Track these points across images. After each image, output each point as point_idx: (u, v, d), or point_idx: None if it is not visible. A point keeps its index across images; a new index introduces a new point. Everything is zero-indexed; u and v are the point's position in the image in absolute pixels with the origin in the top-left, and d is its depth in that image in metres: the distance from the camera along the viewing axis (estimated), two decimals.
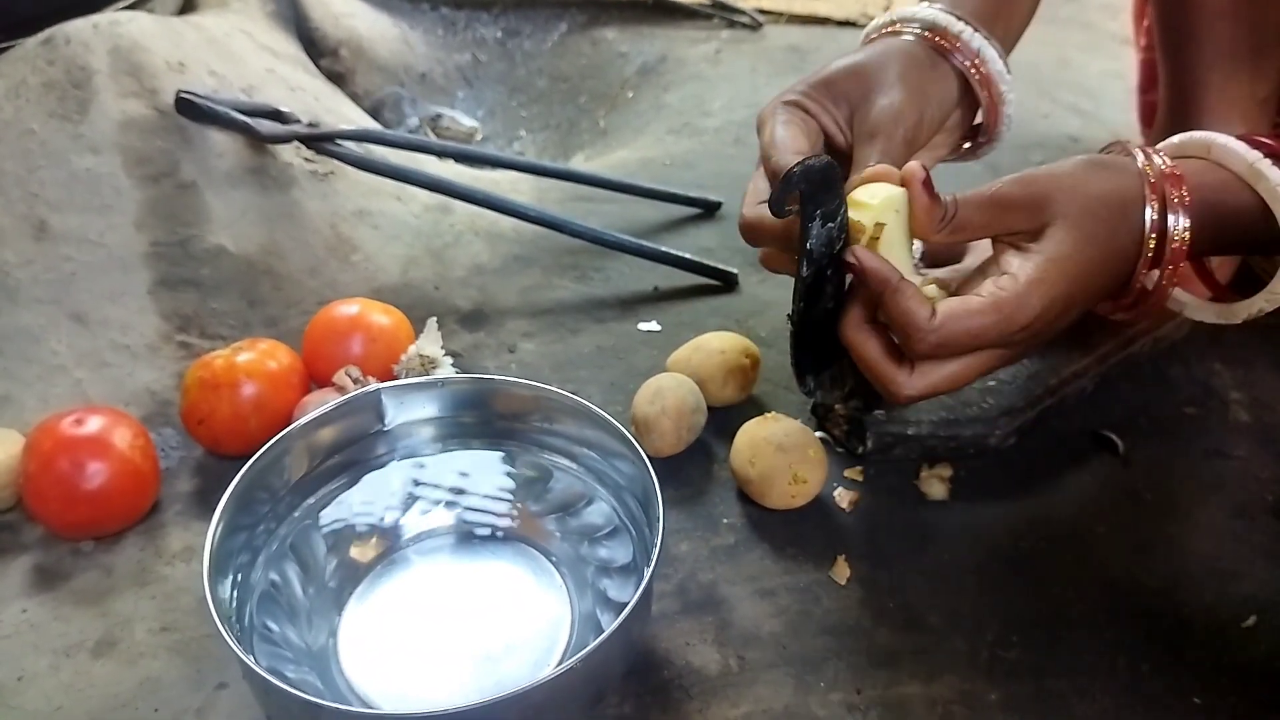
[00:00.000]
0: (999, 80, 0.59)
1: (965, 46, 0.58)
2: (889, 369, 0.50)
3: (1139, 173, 0.50)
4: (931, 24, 0.59)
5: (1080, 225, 0.48)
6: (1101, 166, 0.51)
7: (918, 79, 0.57)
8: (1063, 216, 0.48)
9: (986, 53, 0.58)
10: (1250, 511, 0.63)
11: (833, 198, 0.49)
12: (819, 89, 0.57)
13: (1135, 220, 0.49)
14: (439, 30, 1.32)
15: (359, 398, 0.59)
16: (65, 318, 0.73)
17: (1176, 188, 0.49)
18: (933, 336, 0.47)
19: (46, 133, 0.77)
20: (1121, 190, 0.50)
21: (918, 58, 0.58)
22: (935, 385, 0.50)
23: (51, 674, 0.54)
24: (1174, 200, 0.49)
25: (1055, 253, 0.48)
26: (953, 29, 0.58)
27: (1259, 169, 0.49)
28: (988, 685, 0.53)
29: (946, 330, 0.47)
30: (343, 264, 0.82)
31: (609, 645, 0.45)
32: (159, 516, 0.63)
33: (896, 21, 0.60)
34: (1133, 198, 0.49)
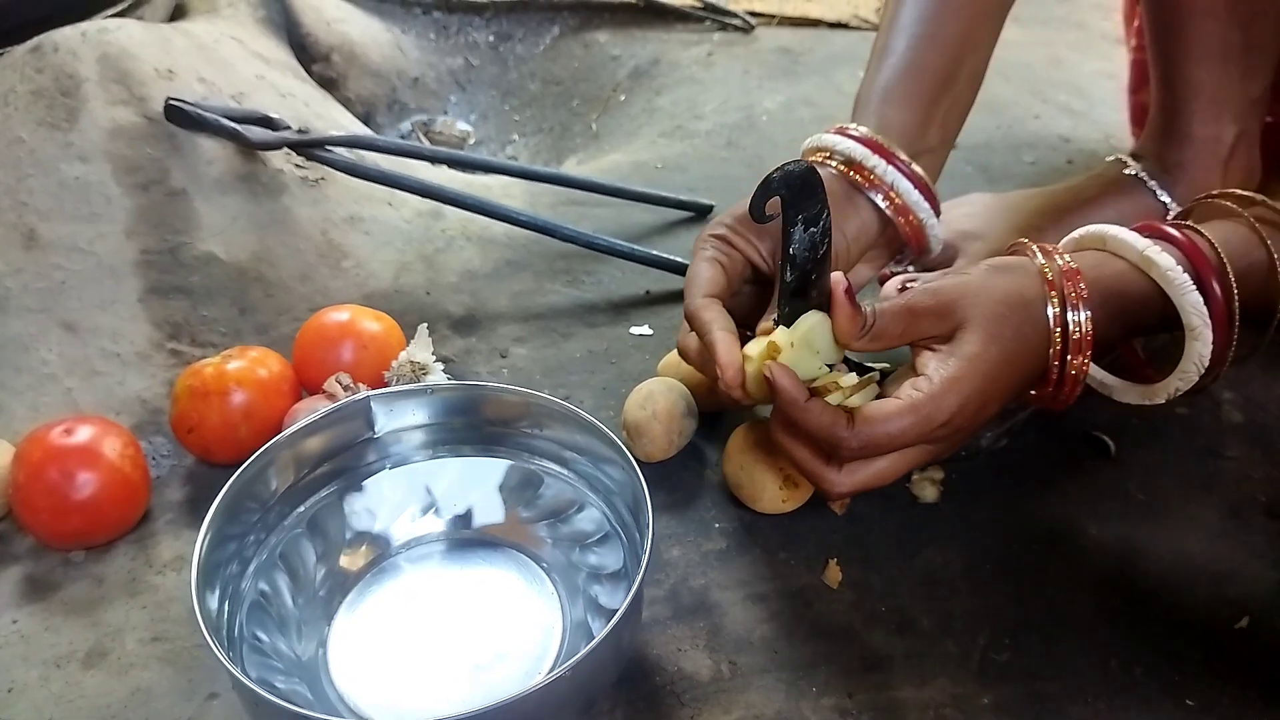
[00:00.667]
0: (915, 209, 0.62)
1: (879, 180, 0.61)
2: (820, 469, 0.52)
3: (1038, 272, 0.53)
4: (847, 158, 0.61)
5: (987, 326, 0.51)
6: (1004, 270, 0.53)
7: (841, 216, 0.60)
8: (970, 320, 0.51)
9: (900, 185, 0.61)
10: (1243, 512, 0.63)
11: (814, 203, 0.49)
12: (742, 222, 0.60)
13: (1039, 317, 0.52)
14: (431, 35, 1.31)
15: (349, 405, 0.59)
16: (55, 326, 0.73)
17: (1073, 283, 0.52)
18: (854, 442, 0.49)
19: (35, 141, 0.77)
20: (1023, 290, 0.52)
21: (834, 193, 0.60)
22: (865, 482, 0.52)
23: (42, 685, 0.54)
24: (1071, 296, 0.52)
25: (966, 353, 0.50)
26: (867, 163, 0.61)
27: (1149, 256, 0.52)
28: (980, 688, 0.53)
29: (866, 435, 0.49)
30: (334, 270, 0.82)
31: (600, 652, 0.45)
32: (150, 526, 0.63)
33: (819, 151, 0.63)
34: (1034, 296, 0.52)
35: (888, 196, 0.61)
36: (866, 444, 0.49)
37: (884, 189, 0.61)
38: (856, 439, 0.49)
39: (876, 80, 0.64)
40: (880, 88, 0.63)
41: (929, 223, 0.63)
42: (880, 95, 0.63)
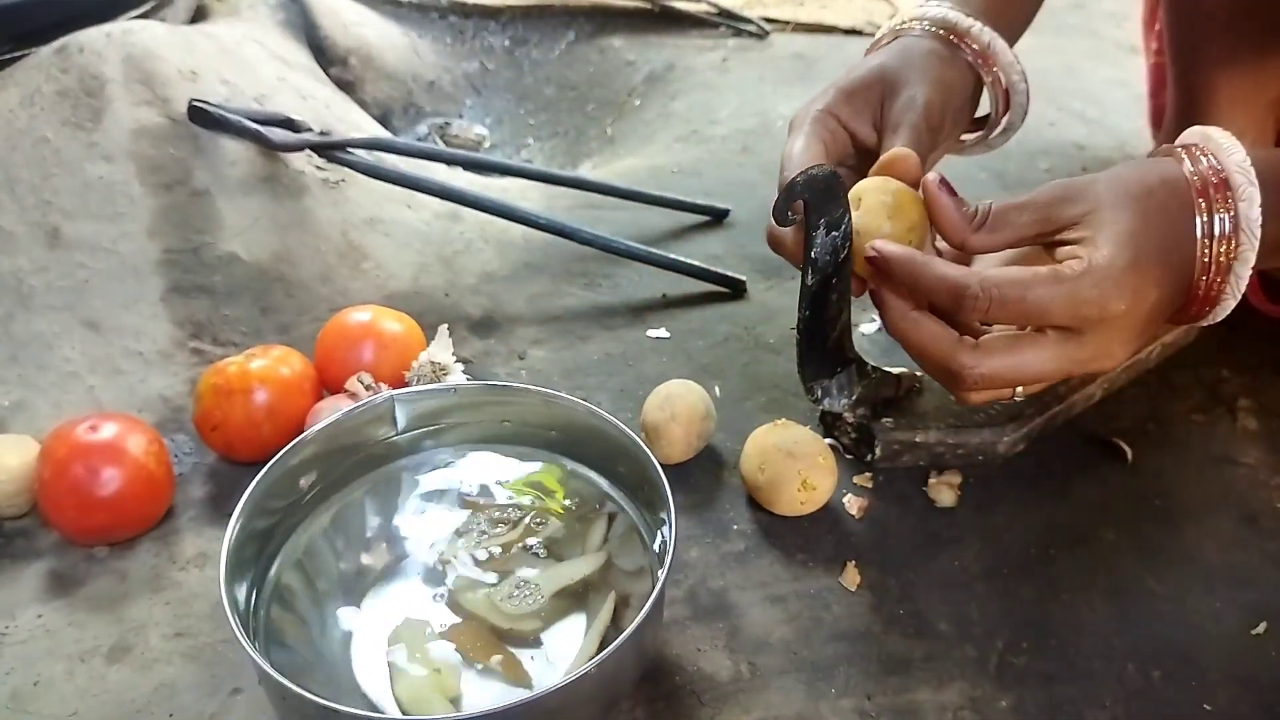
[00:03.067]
0: (1010, 70, 0.62)
1: (975, 39, 0.61)
2: (951, 348, 0.46)
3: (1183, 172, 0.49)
4: (940, 21, 0.61)
5: (1131, 204, 0.46)
6: (1141, 163, 0.50)
7: (937, 70, 0.59)
8: (1109, 201, 0.46)
9: (996, 44, 0.61)
10: (1259, 518, 0.63)
11: (836, 206, 0.50)
12: (846, 94, 0.59)
13: (1187, 206, 0.47)
14: (447, 39, 1.32)
15: (371, 404, 0.59)
16: (78, 325, 0.73)
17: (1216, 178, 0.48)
18: (984, 298, 0.44)
19: (60, 141, 0.78)
20: (1163, 173, 0.48)
21: (935, 50, 0.61)
22: (1002, 368, 0.46)
23: (67, 679, 0.54)
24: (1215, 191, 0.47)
25: (1115, 231, 0.45)
26: (961, 24, 0.61)
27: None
28: (998, 692, 0.53)
29: (1002, 286, 0.44)
30: (354, 271, 0.82)
31: (622, 651, 0.45)
32: (173, 522, 0.64)
33: (907, 21, 0.63)
34: (1177, 181, 0.48)
35: (983, 56, 0.61)
36: (999, 299, 0.44)
37: (980, 47, 0.61)
38: (985, 290, 0.44)
39: None
40: None
41: (1020, 86, 0.62)
42: None
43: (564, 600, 0.53)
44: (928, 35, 0.62)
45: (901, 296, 0.48)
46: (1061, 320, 0.46)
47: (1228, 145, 0.49)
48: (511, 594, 0.53)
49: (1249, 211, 0.47)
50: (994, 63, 0.62)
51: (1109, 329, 0.47)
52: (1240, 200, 0.47)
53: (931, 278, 0.46)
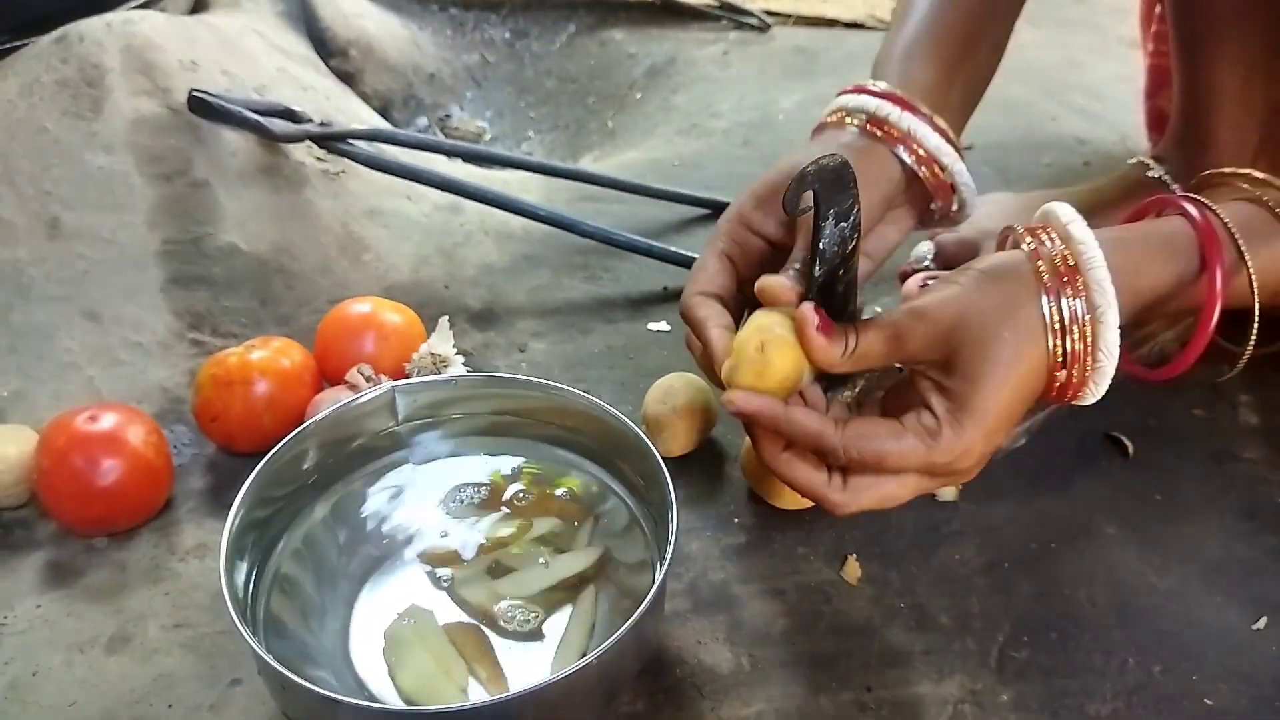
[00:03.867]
0: (938, 156, 0.59)
1: (899, 131, 0.58)
2: (821, 487, 0.49)
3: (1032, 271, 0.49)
4: (868, 113, 0.59)
5: (985, 356, 0.47)
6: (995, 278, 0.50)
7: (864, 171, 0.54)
8: (965, 354, 0.47)
9: (920, 132, 0.58)
10: (1260, 513, 0.63)
11: (846, 197, 0.49)
12: (756, 201, 0.57)
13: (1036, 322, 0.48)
14: (448, 31, 1.32)
15: (371, 396, 0.59)
16: (78, 315, 0.73)
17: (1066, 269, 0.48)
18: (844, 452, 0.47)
19: (60, 131, 0.78)
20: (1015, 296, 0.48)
21: (852, 146, 0.58)
22: (870, 504, 0.49)
23: (66, 669, 0.54)
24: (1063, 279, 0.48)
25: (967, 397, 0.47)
26: (881, 113, 0.58)
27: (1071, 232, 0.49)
28: (998, 685, 0.53)
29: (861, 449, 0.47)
30: (354, 263, 0.82)
31: (623, 643, 0.45)
32: (172, 513, 0.64)
33: (837, 112, 0.60)
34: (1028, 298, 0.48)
35: (909, 147, 0.58)
36: (859, 459, 0.47)
37: (905, 140, 0.58)
38: (847, 449, 0.47)
39: (898, 39, 0.62)
40: (901, 46, 0.62)
41: (956, 169, 0.60)
42: (901, 53, 0.61)
43: (561, 593, 0.53)
44: (853, 129, 0.59)
45: (771, 438, 0.50)
46: (918, 471, 0.49)
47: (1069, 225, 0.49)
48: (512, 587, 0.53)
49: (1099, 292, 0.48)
50: (918, 147, 0.59)
51: (961, 474, 0.50)
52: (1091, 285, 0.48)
53: (796, 429, 0.48)
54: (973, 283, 0.50)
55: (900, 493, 0.50)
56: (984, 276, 0.50)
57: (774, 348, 0.48)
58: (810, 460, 0.49)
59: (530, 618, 0.52)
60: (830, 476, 0.49)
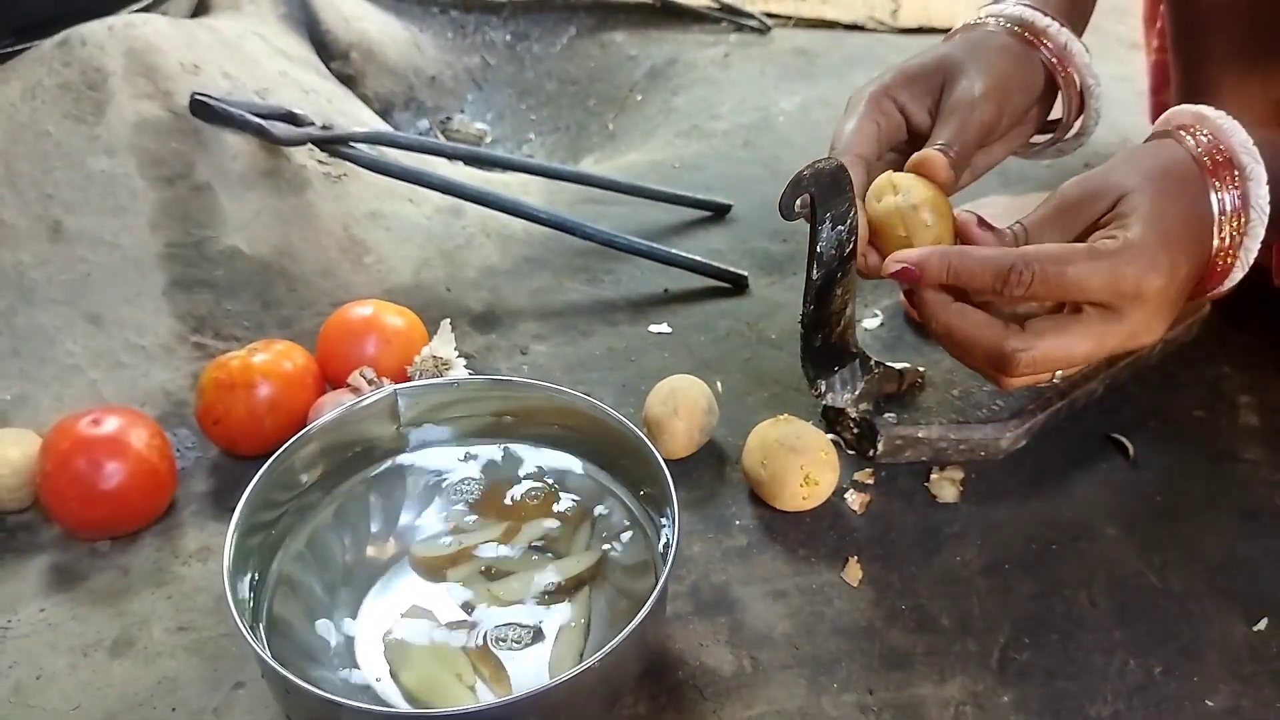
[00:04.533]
0: (1085, 72, 0.61)
1: (1052, 39, 0.60)
2: (1001, 333, 0.47)
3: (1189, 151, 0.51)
4: (1016, 18, 0.60)
5: (1152, 186, 0.48)
6: (1149, 148, 0.52)
7: (1004, 68, 0.58)
8: (1133, 187, 0.49)
9: (1073, 45, 0.60)
10: (1260, 514, 0.63)
11: (842, 200, 0.50)
12: (906, 77, 0.58)
13: (1200, 183, 0.50)
14: (449, 33, 1.32)
15: (373, 399, 0.59)
16: (80, 318, 0.73)
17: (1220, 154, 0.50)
18: (1027, 268, 0.45)
19: (62, 134, 0.78)
20: (1174, 156, 0.51)
21: (1007, 49, 0.59)
22: (1050, 349, 0.47)
23: (70, 673, 0.54)
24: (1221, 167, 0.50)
25: (1144, 212, 0.47)
26: (1038, 23, 0.60)
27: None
28: (1000, 686, 0.53)
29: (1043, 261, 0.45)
30: (355, 266, 0.82)
31: (625, 645, 0.45)
32: (175, 516, 0.64)
33: (982, 16, 0.62)
34: (1187, 162, 0.50)
35: (1059, 59, 0.60)
36: (1041, 276, 0.46)
37: (1058, 49, 0.60)
38: (1028, 265, 0.45)
39: None
40: None
41: (1097, 91, 0.61)
42: None
43: (560, 594, 0.53)
44: (1002, 31, 0.60)
45: (939, 291, 0.49)
46: (1101, 296, 0.47)
47: (1227, 126, 0.51)
48: (509, 589, 0.54)
49: (1257, 190, 0.49)
50: (1069, 64, 0.60)
51: (1146, 305, 0.48)
52: (1249, 179, 0.49)
53: (972, 263, 0.47)
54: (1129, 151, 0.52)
55: (1082, 340, 0.48)
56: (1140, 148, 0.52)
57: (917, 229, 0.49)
58: (982, 311, 0.48)
59: (523, 634, 0.52)
60: (1007, 324, 0.48)
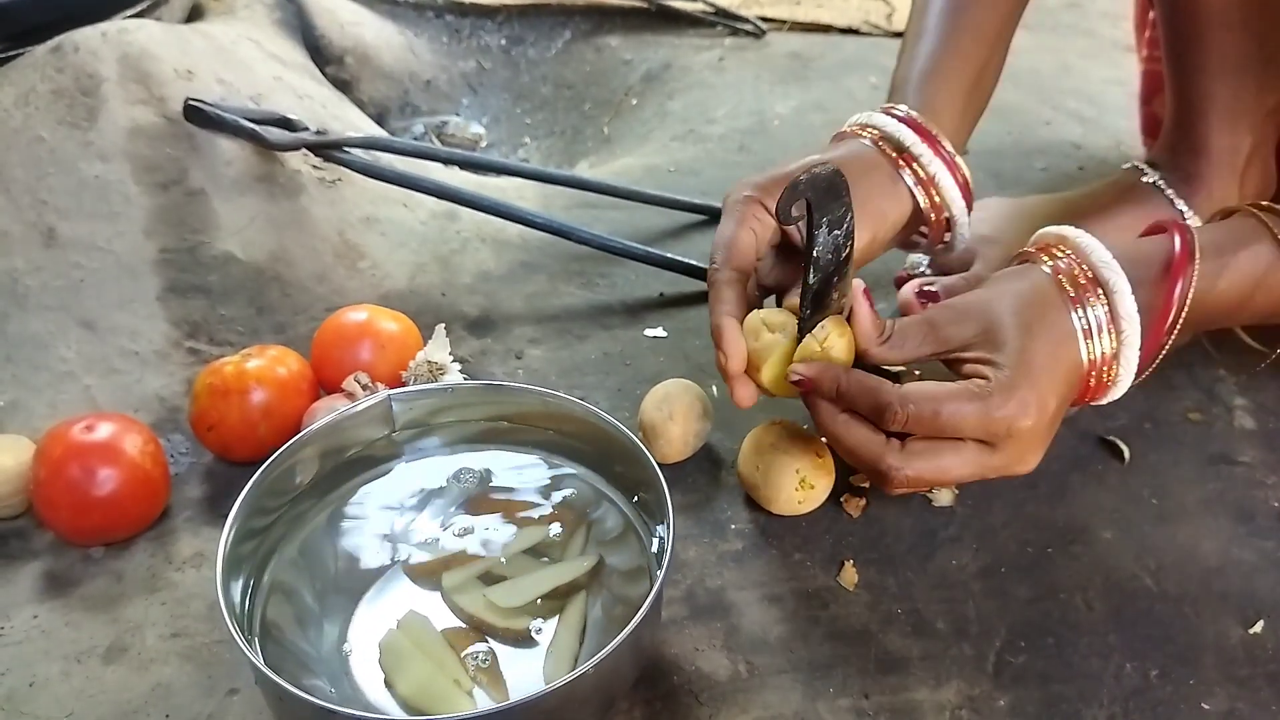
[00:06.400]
0: (953, 204, 0.62)
1: (924, 168, 0.60)
2: (877, 447, 0.50)
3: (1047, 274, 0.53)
4: (893, 139, 0.61)
5: (1020, 320, 0.50)
6: (1017, 275, 0.53)
7: (878, 197, 0.59)
8: (1002, 321, 0.50)
9: (942, 180, 0.61)
10: (1256, 517, 0.63)
11: (839, 205, 0.50)
12: (778, 185, 0.58)
13: (1063, 310, 0.51)
14: (444, 38, 1.32)
15: (368, 404, 0.59)
16: (74, 324, 0.73)
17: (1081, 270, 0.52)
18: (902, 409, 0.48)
19: (55, 140, 0.78)
20: (1041, 285, 0.52)
21: (880, 174, 0.60)
22: (926, 471, 0.50)
23: (63, 680, 0.54)
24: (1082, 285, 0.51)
25: (1012, 350, 0.49)
26: (914, 150, 0.60)
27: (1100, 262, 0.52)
28: (995, 690, 0.53)
29: (918, 402, 0.48)
30: (350, 271, 0.82)
31: (620, 651, 0.45)
32: (169, 523, 0.64)
33: (865, 127, 0.62)
34: (1053, 293, 0.52)
35: (926, 187, 0.61)
36: (915, 415, 0.48)
37: (924, 179, 0.61)
38: (903, 405, 0.48)
39: (915, 62, 0.64)
40: (920, 70, 0.63)
41: (960, 220, 0.63)
42: (920, 78, 0.63)
43: (557, 600, 0.53)
44: (874, 150, 0.61)
45: (827, 405, 0.52)
46: (975, 435, 0.50)
47: (1085, 244, 0.52)
48: (504, 594, 0.53)
49: (1123, 302, 0.51)
50: (935, 193, 0.61)
51: (1019, 441, 0.50)
52: (1114, 293, 0.51)
53: (857, 389, 0.50)
54: (996, 279, 0.53)
55: (958, 465, 0.50)
56: (1007, 275, 0.53)
57: (833, 342, 0.52)
58: (868, 425, 0.51)
59: (518, 640, 0.51)
60: (888, 440, 0.50)
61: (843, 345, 0.53)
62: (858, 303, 0.52)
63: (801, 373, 0.51)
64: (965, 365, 0.51)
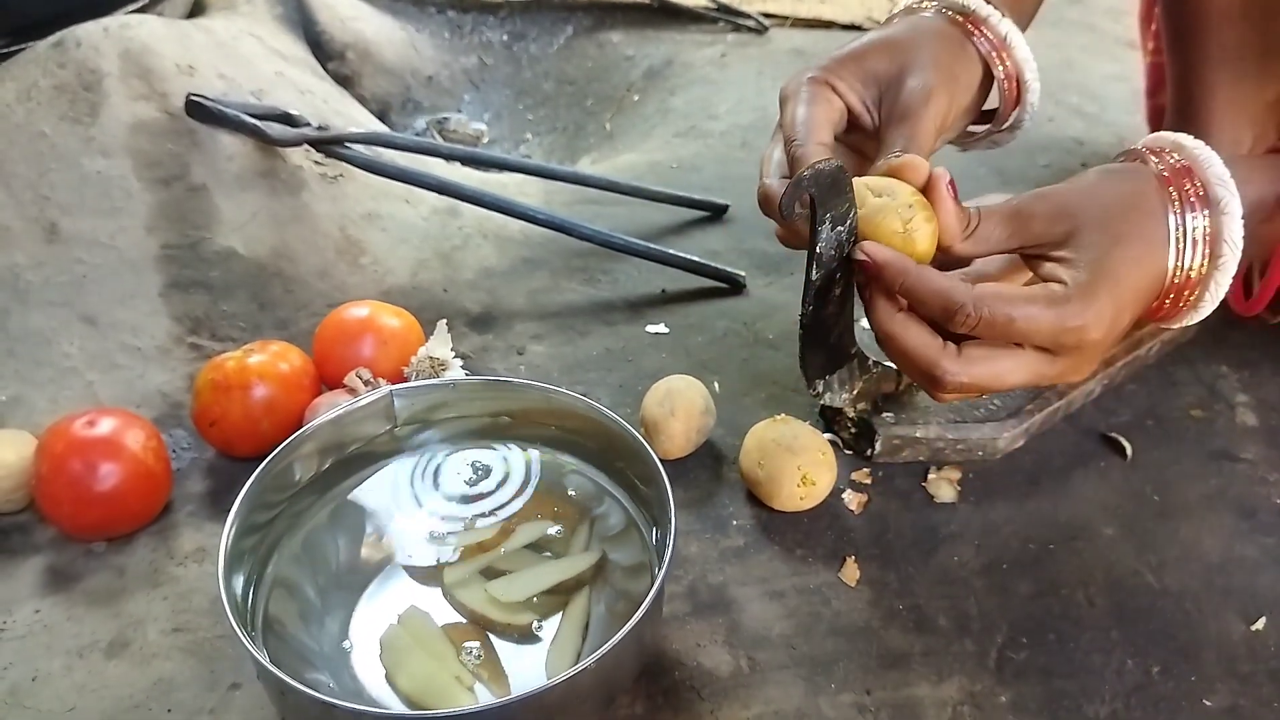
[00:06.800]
0: (1024, 66, 0.59)
1: (992, 30, 0.58)
2: (934, 354, 0.47)
3: (1154, 175, 0.50)
4: (959, 6, 0.58)
5: (1108, 228, 0.48)
6: (1116, 173, 0.51)
7: (949, 61, 0.56)
8: (1088, 223, 0.48)
9: (1013, 38, 0.58)
10: (1258, 514, 0.63)
11: (842, 201, 0.50)
12: (847, 65, 0.56)
13: (1159, 215, 0.49)
14: (445, 33, 1.32)
15: (370, 400, 0.59)
16: (76, 320, 0.73)
17: (1191, 181, 0.49)
18: (973, 310, 0.45)
19: (57, 135, 0.78)
20: (1139, 189, 0.49)
21: (948, 38, 0.57)
22: (983, 378, 0.47)
23: (65, 674, 0.54)
24: (1190, 195, 0.49)
25: (1094, 258, 0.47)
26: (979, 12, 0.58)
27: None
28: (997, 686, 0.53)
29: (989, 306, 0.45)
30: (352, 266, 0.82)
31: (622, 646, 0.45)
32: (171, 517, 0.64)
33: (923, 1, 0.60)
34: (1152, 195, 0.49)
35: (998, 51, 0.58)
36: (989, 319, 0.46)
37: (996, 40, 0.58)
38: (978, 308, 0.45)
39: None
40: None
41: (1034, 85, 0.60)
42: None
43: (559, 596, 0.53)
44: (941, 18, 0.58)
45: (889, 298, 0.49)
46: (1043, 342, 0.48)
47: (1204, 156, 0.50)
48: (506, 589, 0.53)
49: (1230, 224, 0.48)
50: (1008, 56, 0.59)
51: (1083, 351, 0.48)
52: (1223, 213, 0.48)
53: (925, 288, 0.47)
54: (1095, 174, 0.50)
55: (1014, 372, 0.48)
56: (1105, 171, 0.50)
57: (919, 226, 0.48)
58: (925, 325, 0.48)
59: (520, 635, 0.51)
60: (945, 344, 0.48)
61: (927, 233, 0.48)
62: (941, 196, 0.48)
63: (870, 254, 0.47)
64: (1045, 264, 0.49)
